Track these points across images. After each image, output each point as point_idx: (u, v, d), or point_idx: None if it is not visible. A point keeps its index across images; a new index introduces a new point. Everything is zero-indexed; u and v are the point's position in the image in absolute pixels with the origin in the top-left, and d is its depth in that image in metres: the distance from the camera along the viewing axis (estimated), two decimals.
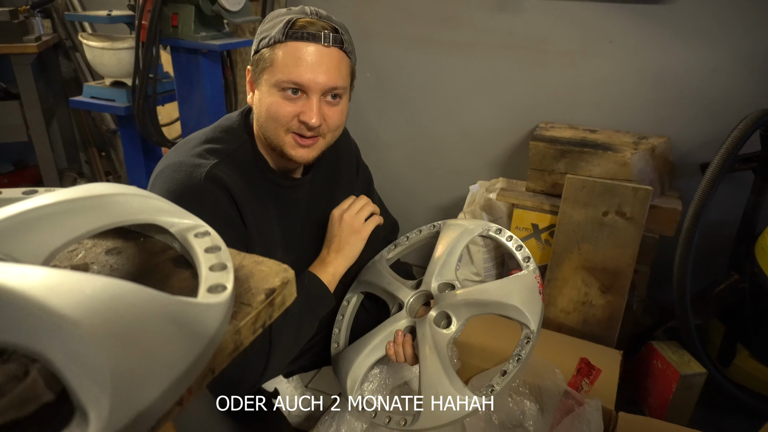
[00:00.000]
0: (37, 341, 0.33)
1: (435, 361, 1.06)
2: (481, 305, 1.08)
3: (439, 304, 1.11)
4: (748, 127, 1.51)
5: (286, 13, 0.97)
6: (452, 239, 1.18)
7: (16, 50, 2.29)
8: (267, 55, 0.96)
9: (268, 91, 0.97)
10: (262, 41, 0.97)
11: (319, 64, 0.94)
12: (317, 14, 0.98)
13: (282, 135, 0.99)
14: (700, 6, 1.76)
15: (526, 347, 1.03)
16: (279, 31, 0.93)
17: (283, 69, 0.94)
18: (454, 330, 1.09)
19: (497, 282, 1.11)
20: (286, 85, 0.95)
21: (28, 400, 0.35)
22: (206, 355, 0.38)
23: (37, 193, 0.54)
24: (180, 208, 0.56)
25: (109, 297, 0.36)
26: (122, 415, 0.31)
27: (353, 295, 1.32)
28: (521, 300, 1.05)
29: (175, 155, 1.01)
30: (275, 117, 0.97)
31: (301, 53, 0.93)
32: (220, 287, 0.44)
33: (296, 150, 1.00)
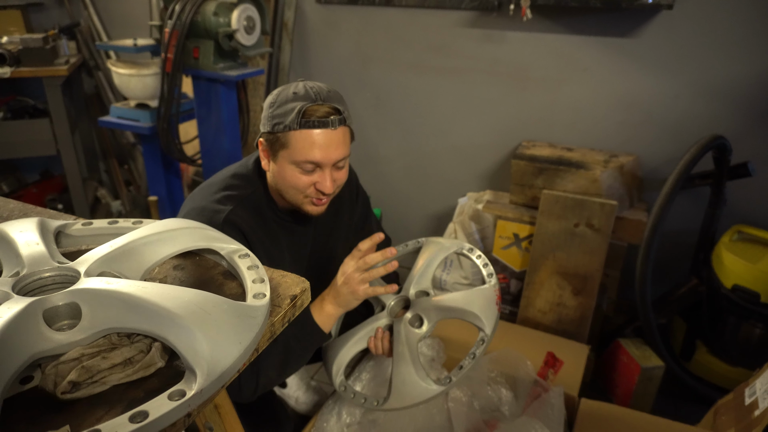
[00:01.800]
0: (160, 329, 0.55)
1: (406, 355, 1.28)
2: (448, 310, 1.31)
3: (415, 308, 1.34)
4: (697, 151, 1.72)
5: (294, 99, 1.12)
6: (431, 254, 1.41)
7: (48, 73, 2.52)
8: (283, 139, 1.13)
9: (286, 166, 1.15)
10: (276, 125, 1.13)
11: (329, 145, 1.13)
12: (320, 97, 1.13)
13: (301, 198, 1.19)
14: (663, 40, 1.97)
15: (480, 347, 1.25)
16: (293, 120, 1.10)
17: (300, 151, 1.12)
18: (425, 330, 1.31)
19: (463, 293, 1.34)
20: (303, 165, 1.14)
21: (149, 366, 0.57)
22: (257, 338, 0.60)
23: (142, 224, 0.76)
24: (226, 236, 0.78)
25: (198, 301, 0.58)
26: (214, 371, 0.53)
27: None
28: (480, 308, 1.27)
29: (199, 199, 1.21)
30: (295, 186, 1.17)
31: (314, 138, 1.11)
32: (261, 294, 0.66)
33: (312, 207, 1.21)
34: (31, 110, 2.88)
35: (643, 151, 2.12)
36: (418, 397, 1.26)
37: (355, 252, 1.28)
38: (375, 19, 2.40)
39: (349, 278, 1.25)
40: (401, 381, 1.27)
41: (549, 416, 1.44)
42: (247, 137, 2.44)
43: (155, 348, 0.58)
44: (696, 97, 1.98)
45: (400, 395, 1.28)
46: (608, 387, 1.98)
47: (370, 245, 1.28)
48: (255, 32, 2.05)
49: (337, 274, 1.29)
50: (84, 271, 0.62)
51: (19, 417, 0.51)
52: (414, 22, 2.33)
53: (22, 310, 0.53)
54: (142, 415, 0.47)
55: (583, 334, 1.96)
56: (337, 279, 1.28)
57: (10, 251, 0.67)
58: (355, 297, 1.26)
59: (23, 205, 0.98)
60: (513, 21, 2.13)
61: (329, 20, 2.50)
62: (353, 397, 1.37)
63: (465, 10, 2.21)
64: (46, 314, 0.56)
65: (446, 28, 2.28)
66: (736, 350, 1.89)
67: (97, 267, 0.64)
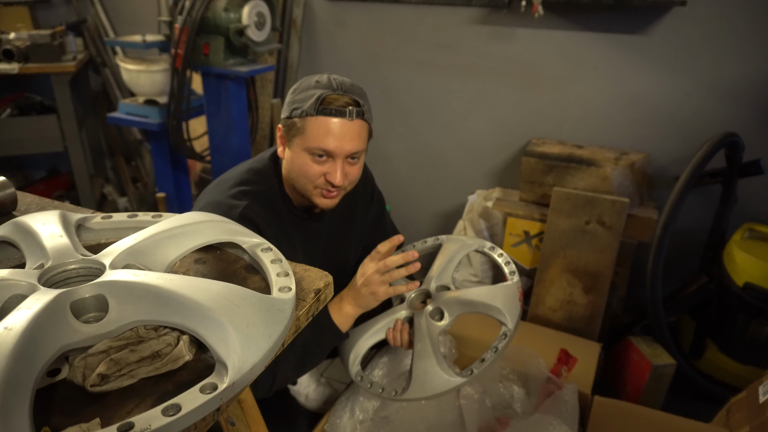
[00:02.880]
0: (190, 321, 0.55)
1: (427, 346, 1.28)
2: (470, 304, 1.30)
3: (436, 301, 1.33)
4: (710, 148, 1.71)
5: (315, 87, 1.13)
6: (453, 251, 1.41)
7: (56, 69, 2.52)
8: (299, 124, 1.13)
9: (299, 153, 1.16)
10: (294, 111, 1.13)
11: (344, 135, 1.13)
12: (342, 88, 1.14)
13: (311, 188, 1.19)
14: (674, 37, 1.96)
15: (503, 341, 1.25)
16: (311, 105, 1.11)
17: (314, 138, 1.12)
18: (445, 323, 1.31)
19: (485, 287, 1.34)
20: (315, 151, 1.14)
21: (177, 359, 0.57)
22: (285, 332, 0.59)
23: (162, 217, 0.76)
24: (248, 230, 0.78)
25: (227, 294, 0.58)
26: (245, 364, 0.52)
27: None
28: (503, 303, 1.27)
29: (215, 194, 1.20)
30: (306, 175, 1.17)
31: (329, 126, 1.11)
32: (286, 288, 0.66)
33: (321, 200, 1.21)
34: (38, 107, 2.88)
35: (653, 148, 2.11)
36: (439, 388, 1.25)
37: (375, 254, 1.28)
38: (383, 16, 2.40)
39: (369, 279, 1.25)
40: (422, 371, 1.27)
41: (563, 413, 1.44)
42: (256, 134, 2.44)
43: (183, 341, 0.57)
44: (707, 94, 1.98)
45: (421, 385, 1.27)
46: (618, 384, 1.97)
47: (389, 247, 1.28)
48: (265, 28, 2.04)
49: (356, 275, 1.29)
50: (109, 263, 0.62)
51: (52, 408, 0.50)
52: (423, 20, 2.33)
53: (50, 301, 0.52)
54: (175, 408, 0.47)
55: (593, 332, 1.95)
56: (357, 280, 1.28)
57: (34, 243, 0.67)
58: (375, 298, 1.26)
59: (40, 199, 0.97)
60: (523, 18, 2.12)
61: (337, 17, 2.49)
62: (370, 386, 1.36)
63: (474, 7, 2.20)
64: (74, 306, 0.55)
65: (455, 26, 2.28)
66: (746, 348, 1.89)
67: (122, 259, 0.64)
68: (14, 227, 0.70)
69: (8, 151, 2.74)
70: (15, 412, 0.43)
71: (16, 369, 0.45)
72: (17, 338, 0.47)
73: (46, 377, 0.53)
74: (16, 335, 0.47)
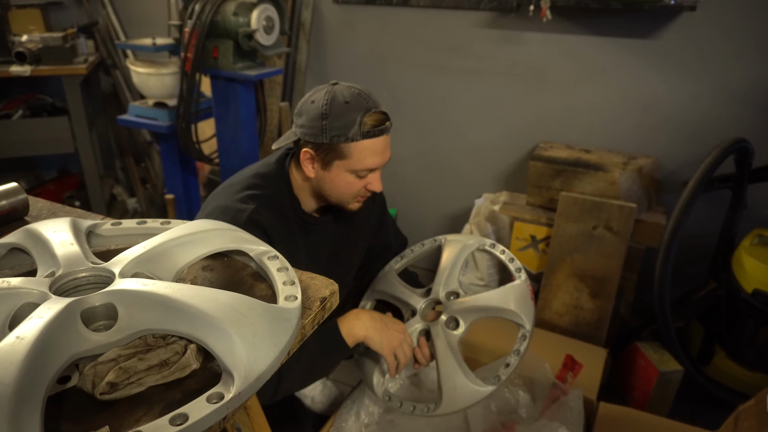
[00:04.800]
0: (197, 331, 0.56)
1: (450, 358, 1.28)
2: (483, 310, 1.30)
3: (448, 309, 1.33)
4: (719, 153, 1.71)
5: (349, 109, 1.12)
6: (454, 253, 1.40)
7: (67, 71, 2.54)
8: (342, 149, 1.14)
9: (342, 174, 1.18)
10: (335, 137, 1.13)
11: (385, 149, 1.19)
12: (371, 103, 1.14)
13: (350, 200, 1.23)
14: (683, 42, 1.95)
15: (523, 343, 1.26)
16: (355, 132, 1.12)
17: (360, 161, 1.15)
18: (461, 331, 1.31)
19: (496, 290, 1.33)
20: (362, 173, 1.18)
21: (185, 367, 0.58)
22: (290, 341, 0.60)
23: (170, 224, 0.77)
24: (256, 237, 0.79)
25: (234, 303, 0.58)
26: (251, 374, 0.53)
27: (367, 302, 1.53)
28: (517, 305, 1.27)
29: (222, 198, 1.21)
30: (349, 191, 1.21)
31: (375, 148, 1.16)
32: (293, 297, 0.66)
33: (356, 205, 1.26)
34: (49, 108, 2.91)
35: (661, 153, 2.11)
36: (471, 399, 1.25)
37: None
38: (392, 20, 2.40)
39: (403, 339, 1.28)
40: (452, 386, 1.26)
41: (568, 419, 1.43)
42: (264, 137, 2.45)
43: (191, 350, 0.58)
44: (716, 99, 1.97)
45: (453, 399, 1.26)
46: (625, 390, 1.97)
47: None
48: (274, 32, 2.05)
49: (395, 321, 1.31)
50: (118, 272, 0.63)
51: (61, 415, 0.51)
52: (431, 23, 2.33)
53: (61, 310, 0.53)
54: (183, 418, 0.48)
55: (600, 337, 1.95)
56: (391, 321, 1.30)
57: (46, 251, 0.68)
58: (389, 346, 1.27)
59: (51, 204, 0.99)
60: (532, 22, 2.12)
61: (346, 20, 2.50)
62: (400, 406, 1.35)
63: (483, 11, 2.21)
64: (84, 315, 0.56)
65: (464, 29, 2.28)
66: (755, 355, 1.88)
67: (131, 268, 0.64)
68: (26, 234, 0.72)
69: (20, 152, 2.77)
70: (27, 420, 0.44)
71: (28, 378, 0.46)
72: (29, 347, 0.48)
73: (57, 384, 0.54)
74: (28, 344, 0.48)
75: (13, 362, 0.46)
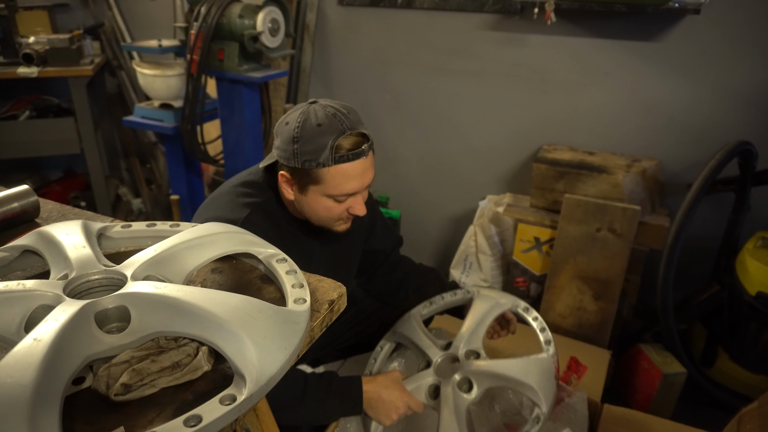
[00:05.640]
0: (209, 333, 0.56)
1: (453, 422, 1.20)
2: (501, 379, 1.23)
3: (464, 369, 1.26)
4: (723, 156, 1.71)
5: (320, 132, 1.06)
6: (483, 310, 1.35)
7: (73, 73, 2.56)
8: (315, 175, 1.09)
9: (318, 198, 1.13)
10: (307, 162, 1.08)
11: (363, 173, 1.12)
12: (346, 125, 1.07)
13: (332, 223, 1.19)
14: (687, 44, 1.95)
15: (535, 426, 1.17)
16: (327, 157, 1.06)
17: (336, 186, 1.10)
18: (474, 396, 1.24)
19: (519, 360, 1.25)
20: (339, 198, 1.13)
21: (197, 369, 0.59)
22: (300, 344, 0.61)
23: (179, 227, 0.78)
24: (264, 240, 0.79)
25: (244, 306, 0.59)
26: (262, 376, 0.54)
27: (387, 342, 1.50)
28: (537, 381, 1.19)
29: (212, 210, 1.18)
30: (330, 215, 1.16)
31: (350, 172, 1.09)
32: (301, 300, 0.67)
33: (341, 227, 1.21)
34: (55, 109, 2.92)
35: (664, 155, 2.11)
36: None
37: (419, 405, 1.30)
38: (396, 22, 2.41)
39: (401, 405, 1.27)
40: None
41: (572, 421, 1.44)
42: (269, 138, 2.46)
43: (202, 352, 0.59)
44: (720, 102, 1.97)
45: None
46: (627, 392, 1.97)
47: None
48: (279, 34, 2.06)
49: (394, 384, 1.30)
50: (130, 274, 0.64)
51: (76, 416, 0.52)
52: (435, 25, 2.34)
53: (76, 313, 0.54)
54: (196, 419, 0.48)
55: (603, 339, 1.95)
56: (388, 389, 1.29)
57: (58, 254, 0.69)
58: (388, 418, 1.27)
59: (61, 206, 1.00)
60: (535, 24, 2.13)
61: (350, 22, 2.51)
62: None
63: (487, 13, 2.21)
64: (98, 317, 0.57)
65: (467, 31, 2.28)
66: (758, 357, 1.88)
67: (143, 270, 0.65)
68: (39, 237, 0.73)
69: (26, 153, 2.79)
70: (45, 421, 0.45)
71: (46, 379, 0.47)
72: (46, 349, 0.49)
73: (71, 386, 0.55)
74: (45, 346, 0.49)
75: (31, 364, 0.47)
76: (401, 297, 1.59)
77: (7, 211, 0.87)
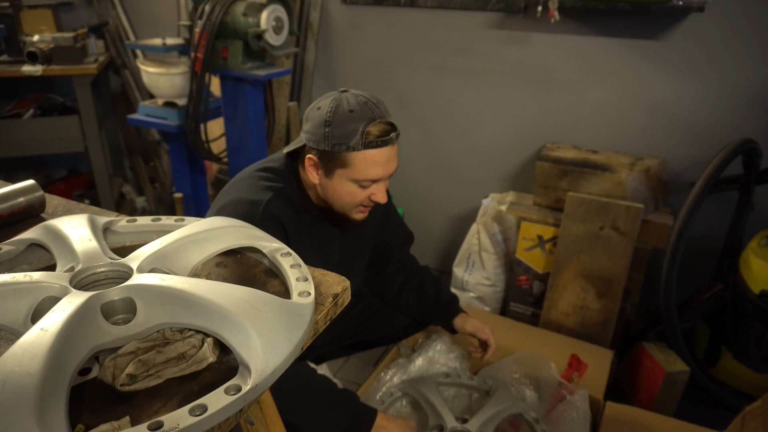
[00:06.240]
0: (214, 325, 0.57)
1: None
2: None
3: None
4: (727, 154, 1.70)
5: (352, 118, 1.11)
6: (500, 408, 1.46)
7: (78, 71, 2.57)
8: (345, 158, 1.13)
9: (344, 183, 1.17)
10: (337, 146, 1.12)
11: (389, 161, 1.16)
12: (377, 113, 1.12)
13: (353, 209, 1.22)
14: (691, 43, 1.95)
15: None
16: (357, 142, 1.10)
17: (362, 171, 1.14)
18: None
19: None
20: (365, 183, 1.16)
21: (202, 361, 0.59)
22: (305, 336, 0.61)
23: (184, 221, 0.78)
24: (268, 234, 0.80)
25: (249, 298, 0.60)
26: (267, 367, 0.54)
27: (400, 392, 1.56)
28: None
29: (234, 192, 1.21)
30: (351, 201, 1.19)
31: (378, 158, 1.14)
32: (306, 293, 0.67)
33: (360, 215, 1.24)
34: (59, 108, 2.93)
35: (668, 154, 2.11)
36: None
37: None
38: (399, 21, 2.41)
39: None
40: None
41: (574, 419, 1.44)
42: (272, 136, 2.47)
43: (207, 343, 0.59)
44: (724, 100, 1.97)
45: None
46: (630, 391, 1.97)
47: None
48: (283, 33, 2.07)
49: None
50: (136, 267, 0.64)
51: (82, 406, 0.53)
52: (438, 24, 2.34)
53: (82, 304, 0.55)
54: (201, 408, 0.49)
55: (606, 338, 1.95)
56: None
57: (65, 247, 0.69)
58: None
59: (66, 201, 1.00)
60: (539, 23, 2.13)
61: (354, 21, 2.51)
62: None
63: (490, 12, 2.21)
64: (104, 308, 0.58)
65: (471, 30, 2.29)
66: (761, 356, 1.87)
67: (149, 263, 0.66)
68: (45, 230, 0.73)
69: (31, 151, 2.80)
70: (52, 410, 0.45)
71: (53, 368, 0.47)
72: (53, 339, 0.49)
73: (78, 376, 0.56)
74: (52, 336, 0.49)
75: (38, 353, 0.47)
76: (401, 302, 1.61)
77: (13, 206, 0.87)
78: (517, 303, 2.23)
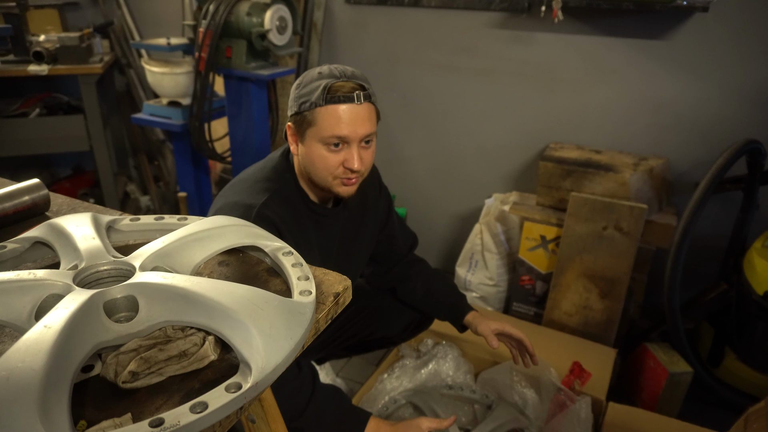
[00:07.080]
0: (215, 323, 0.57)
1: None
2: None
3: None
4: (731, 154, 1.70)
5: (319, 78, 1.14)
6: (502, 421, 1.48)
7: (83, 71, 2.58)
8: (309, 117, 1.15)
9: (314, 146, 1.17)
10: (303, 105, 1.14)
11: (355, 119, 1.14)
12: (345, 75, 1.15)
13: (330, 179, 1.20)
14: (695, 42, 1.95)
15: None
16: (318, 96, 1.12)
17: (326, 128, 1.13)
18: None
19: None
20: (330, 140, 1.15)
21: (203, 358, 0.59)
22: (306, 334, 0.62)
23: (187, 220, 0.79)
24: (270, 234, 0.80)
25: (250, 297, 0.60)
26: (268, 365, 0.54)
27: (404, 399, 1.58)
28: None
29: (230, 195, 1.22)
30: (324, 167, 1.18)
31: (340, 113, 1.13)
32: (307, 292, 0.68)
33: (342, 188, 1.22)
34: (65, 107, 2.94)
35: (672, 154, 2.10)
36: None
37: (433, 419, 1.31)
38: (403, 20, 2.42)
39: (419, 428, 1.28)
40: None
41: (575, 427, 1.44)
42: (276, 135, 2.47)
43: (209, 341, 0.60)
44: (729, 100, 1.96)
45: None
46: (633, 391, 1.97)
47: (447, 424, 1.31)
48: (287, 32, 2.08)
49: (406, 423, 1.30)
50: (139, 265, 0.64)
51: (85, 402, 0.53)
52: (442, 23, 2.34)
53: (85, 301, 0.55)
54: (202, 406, 0.49)
55: (609, 338, 1.95)
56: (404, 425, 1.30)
57: (68, 245, 0.70)
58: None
59: (70, 200, 1.01)
60: (543, 22, 2.13)
61: (357, 20, 2.52)
62: None
63: (494, 11, 2.21)
64: (106, 306, 0.58)
65: (475, 29, 2.29)
66: (765, 357, 1.87)
67: (151, 262, 0.66)
68: (49, 229, 0.74)
69: (36, 150, 2.82)
70: (55, 405, 0.45)
71: (56, 365, 0.48)
72: (56, 336, 0.50)
73: (80, 373, 0.56)
74: (55, 333, 0.50)
75: (41, 350, 0.48)
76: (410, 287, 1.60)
77: (18, 204, 0.88)
78: (520, 303, 2.23)
